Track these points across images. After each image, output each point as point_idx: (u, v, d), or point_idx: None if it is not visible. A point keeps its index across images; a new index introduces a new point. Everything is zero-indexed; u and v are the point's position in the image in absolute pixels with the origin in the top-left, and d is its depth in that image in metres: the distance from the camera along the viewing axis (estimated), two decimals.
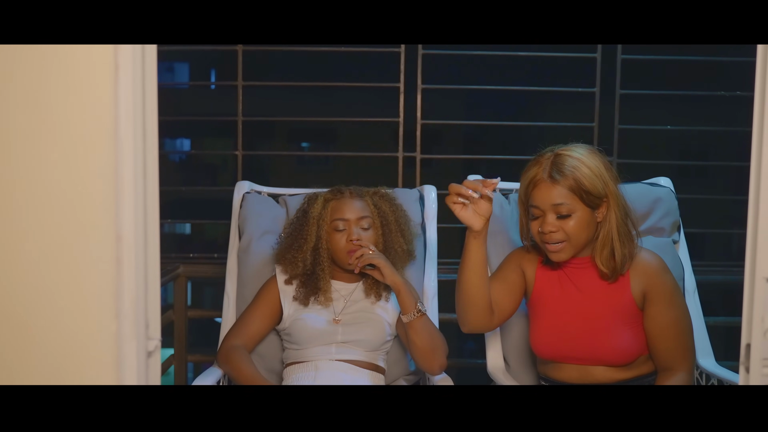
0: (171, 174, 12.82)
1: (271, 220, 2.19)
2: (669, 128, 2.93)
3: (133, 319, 0.90)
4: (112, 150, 0.86)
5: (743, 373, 0.95)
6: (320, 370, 1.87)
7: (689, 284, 2.06)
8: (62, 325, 0.88)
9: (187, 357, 2.59)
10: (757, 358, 0.94)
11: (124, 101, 0.87)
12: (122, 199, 0.86)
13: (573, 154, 1.66)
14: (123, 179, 0.86)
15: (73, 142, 0.87)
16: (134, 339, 0.90)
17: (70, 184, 0.87)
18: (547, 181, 1.65)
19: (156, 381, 0.98)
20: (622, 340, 1.69)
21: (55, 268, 0.88)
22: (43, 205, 0.88)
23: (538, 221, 1.68)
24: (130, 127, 0.87)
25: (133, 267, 0.88)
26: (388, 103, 2.77)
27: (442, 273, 2.19)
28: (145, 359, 0.94)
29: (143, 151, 0.89)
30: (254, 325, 1.94)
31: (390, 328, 1.94)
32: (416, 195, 2.24)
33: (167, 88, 12.32)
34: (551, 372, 1.79)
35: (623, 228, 1.68)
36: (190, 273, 2.57)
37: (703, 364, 1.95)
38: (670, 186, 2.17)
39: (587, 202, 1.64)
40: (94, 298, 0.88)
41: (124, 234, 0.87)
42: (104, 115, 0.87)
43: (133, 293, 0.89)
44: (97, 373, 0.90)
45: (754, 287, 0.93)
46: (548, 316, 1.76)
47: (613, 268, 1.68)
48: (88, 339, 0.88)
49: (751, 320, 0.94)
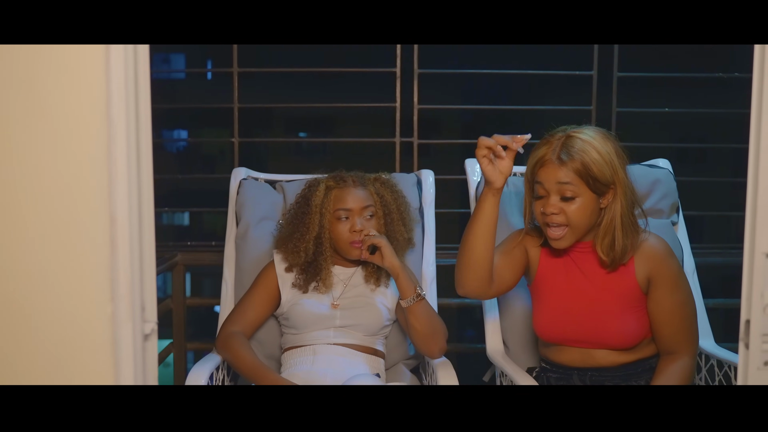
0: (168, 165, 12.78)
1: (269, 206, 2.19)
2: (667, 111, 2.91)
3: (129, 301, 0.89)
4: (104, 132, 0.86)
5: (742, 349, 0.95)
6: (318, 354, 1.87)
7: (688, 266, 2.06)
8: (58, 308, 0.88)
9: (187, 345, 2.59)
10: (756, 333, 0.93)
11: (116, 83, 0.87)
12: (116, 181, 0.85)
13: (584, 137, 1.62)
14: (116, 161, 0.85)
15: (66, 125, 0.87)
16: (130, 321, 0.90)
17: (63, 167, 0.87)
18: (554, 162, 1.62)
19: (153, 364, 0.97)
20: (626, 324, 1.68)
21: (50, 251, 0.87)
22: (37, 188, 0.87)
23: (542, 201, 1.66)
24: (122, 109, 0.86)
25: (128, 249, 0.88)
26: (386, 92, 2.76)
27: (440, 258, 2.19)
28: (141, 342, 0.93)
29: (136, 134, 0.89)
30: (253, 311, 1.94)
31: (389, 312, 1.94)
32: (414, 180, 2.23)
33: (163, 79, 12.28)
34: (553, 355, 1.79)
35: (627, 218, 1.65)
36: (188, 261, 2.57)
37: (703, 345, 1.95)
38: (668, 167, 2.16)
39: (593, 188, 1.62)
40: (89, 281, 0.88)
41: (119, 216, 0.86)
42: (97, 97, 0.87)
43: (128, 276, 0.89)
44: (94, 355, 0.89)
45: (753, 263, 0.93)
46: (552, 299, 1.75)
47: (613, 258, 1.66)
48: (84, 322, 0.88)
49: (751, 296, 0.93)
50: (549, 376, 1.79)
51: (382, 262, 1.85)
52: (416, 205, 2.16)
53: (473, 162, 2.18)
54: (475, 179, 2.13)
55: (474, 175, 2.14)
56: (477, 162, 2.18)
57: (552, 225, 1.65)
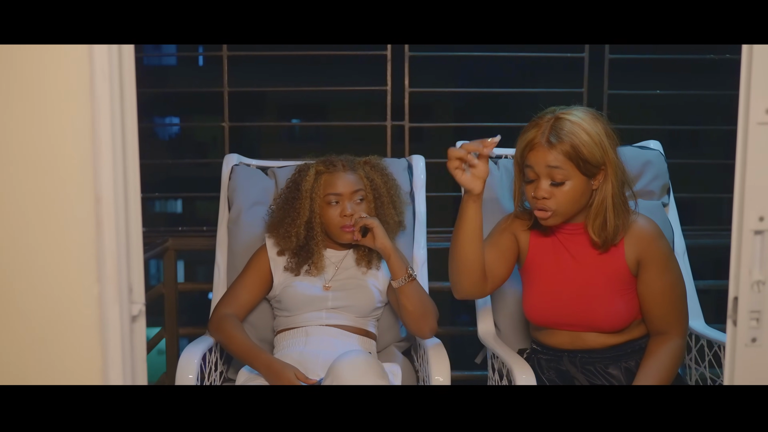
0: (160, 152, 12.73)
1: (261, 191, 2.19)
2: (658, 93, 2.91)
3: (116, 282, 0.89)
4: (88, 109, 0.84)
5: (730, 326, 0.94)
6: (311, 335, 1.87)
7: (679, 247, 2.06)
8: (43, 288, 0.87)
9: (179, 331, 2.59)
10: (744, 310, 0.93)
11: (100, 60, 0.86)
12: (100, 159, 0.84)
13: (573, 119, 1.60)
14: (100, 138, 0.84)
15: (49, 104, 0.86)
16: (117, 302, 0.89)
17: (47, 145, 0.86)
18: (544, 145, 1.60)
19: (141, 347, 0.97)
20: (615, 308, 1.68)
21: (34, 231, 0.86)
22: (21, 167, 0.86)
23: (532, 185, 1.64)
24: (106, 86, 0.85)
25: (114, 229, 0.87)
26: (378, 78, 2.75)
27: (431, 242, 2.19)
28: (129, 323, 0.92)
29: (121, 111, 0.88)
30: (245, 294, 1.94)
31: (380, 294, 1.94)
32: (405, 164, 2.24)
33: (154, 65, 12.17)
34: (543, 337, 1.79)
35: (618, 198, 1.63)
36: (179, 246, 2.56)
37: (692, 326, 1.96)
38: (659, 149, 2.16)
39: (583, 170, 1.60)
40: (75, 262, 0.87)
41: (104, 195, 0.85)
42: (81, 74, 0.85)
43: (114, 256, 0.88)
44: (80, 337, 0.89)
45: (741, 240, 0.92)
46: (541, 282, 1.75)
47: (605, 239, 1.65)
48: (70, 303, 0.87)
49: (739, 273, 0.93)
50: (539, 357, 1.79)
51: (373, 243, 1.85)
52: (407, 189, 2.16)
53: None
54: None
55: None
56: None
57: (542, 208, 1.65)
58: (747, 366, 0.94)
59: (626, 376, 1.70)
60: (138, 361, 0.95)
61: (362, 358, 1.61)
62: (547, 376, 1.77)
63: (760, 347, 0.94)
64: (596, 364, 1.72)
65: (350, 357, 1.61)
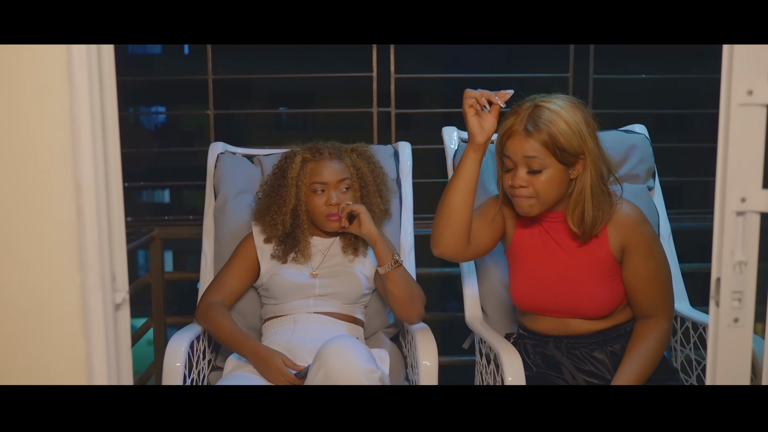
0: (146, 141, 12.66)
1: (247, 179, 2.18)
2: (644, 77, 2.92)
3: (98, 270, 0.88)
4: (66, 96, 0.83)
5: (713, 307, 0.95)
6: (299, 322, 1.87)
7: (664, 230, 2.07)
8: (24, 277, 0.86)
9: (167, 320, 2.58)
10: (726, 291, 0.94)
11: (78, 49, 0.85)
12: (79, 145, 0.83)
13: (552, 107, 1.58)
14: (80, 125, 0.83)
15: (26, 91, 0.85)
16: (99, 291, 0.88)
17: (26, 132, 0.85)
18: (521, 133, 1.59)
19: (126, 335, 0.96)
20: (600, 294, 1.68)
21: (14, 219, 0.85)
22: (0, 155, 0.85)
23: (510, 174, 1.64)
24: (84, 73, 0.84)
25: (95, 217, 0.86)
26: (363, 65, 2.74)
27: (418, 228, 2.19)
28: (112, 312, 0.92)
29: (100, 98, 0.87)
30: (232, 282, 1.94)
31: (367, 281, 1.95)
32: (391, 151, 2.23)
33: (140, 54, 12.05)
34: (529, 323, 1.80)
35: (598, 188, 1.62)
36: (165, 235, 2.55)
37: (678, 308, 1.98)
38: (644, 133, 2.17)
39: (561, 159, 1.59)
40: (56, 250, 0.86)
41: (84, 182, 0.85)
42: (59, 62, 0.84)
43: (96, 244, 0.87)
44: (63, 326, 0.88)
45: (723, 221, 0.93)
46: (527, 268, 1.75)
47: (584, 230, 1.65)
48: (52, 291, 0.87)
49: (721, 254, 0.94)
50: (526, 342, 1.80)
51: (359, 230, 1.85)
52: (393, 176, 2.16)
53: (450, 130, 2.17)
54: (452, 147, 2.13)
55: (451, 143, 2.14)
56: (454, 130, 2.18)
57: (519, 197, 1.64)
58: (729, 346, 0.95)
59: (612, 359, 1.71)
60: (122, 349, 0.94)
61: (349, 343, 1.62)
62: (533, 360, 1.77)
63: (742, 327, 0.94)
64: (581, 348, 1.73)
65: (337, 342, 1.61)
